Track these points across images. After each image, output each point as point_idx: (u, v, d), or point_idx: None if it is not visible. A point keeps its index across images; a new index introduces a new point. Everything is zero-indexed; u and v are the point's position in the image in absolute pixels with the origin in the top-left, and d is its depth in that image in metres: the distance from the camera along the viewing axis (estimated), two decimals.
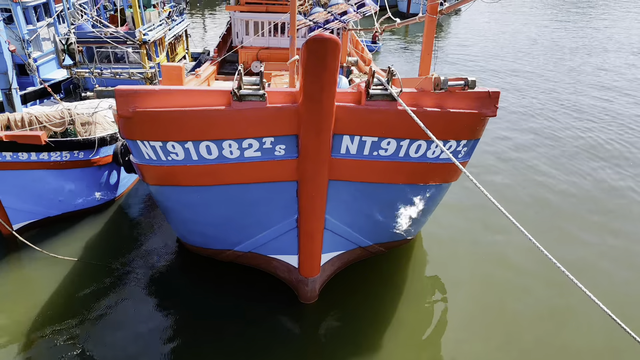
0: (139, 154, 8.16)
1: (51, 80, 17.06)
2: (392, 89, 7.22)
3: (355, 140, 7.75)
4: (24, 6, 16.64)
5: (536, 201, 14.36)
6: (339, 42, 6.40)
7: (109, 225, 12.72)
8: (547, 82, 27.17)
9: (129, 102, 7.18)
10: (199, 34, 40.55)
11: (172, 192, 8.86)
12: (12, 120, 11.12)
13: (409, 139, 7.83)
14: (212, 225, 9.59)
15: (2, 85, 11.71)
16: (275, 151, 7.77)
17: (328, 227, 8.77)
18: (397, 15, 47.22)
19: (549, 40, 40.32)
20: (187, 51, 23.94)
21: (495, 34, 42.76)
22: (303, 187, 8.08)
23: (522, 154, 17.53)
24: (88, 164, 11.94)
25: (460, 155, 8.46)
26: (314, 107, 7.02)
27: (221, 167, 7.90)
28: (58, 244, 11.67)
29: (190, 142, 7.57)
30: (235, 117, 7.27)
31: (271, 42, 20.50)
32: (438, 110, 7.56)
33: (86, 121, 11.90)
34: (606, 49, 36.77)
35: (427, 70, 9.11)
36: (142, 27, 16.91)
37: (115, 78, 16.52)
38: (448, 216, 13.13)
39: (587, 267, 11.41)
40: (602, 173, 16.19)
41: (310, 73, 6.66)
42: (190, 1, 42.97)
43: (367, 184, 8.45)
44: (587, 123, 20.77)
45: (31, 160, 10.93)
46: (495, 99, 7.77)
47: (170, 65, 12.80)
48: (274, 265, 9.97)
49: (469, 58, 33.29)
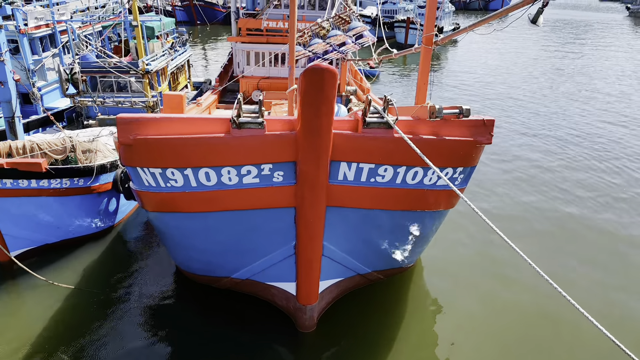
0: (138, 181, 8.23)
1: (54, 108, 17.32)
2: (388, 117, 7.36)
3: (353, 167, 7.84)
4: (31, 37, 17.07)
5: (534, 223, 14.36)
6: (335, 72, 6.57)
7: (107, 253, 12.67)
8: (541, 108, 27.53)
9: (130, 129, 7.31)
10: (201, 63, 41.34)
11: (171, 218, 8.89)
12: (14, 147, 11.25)
13: (406, 166, 7.92)
14: (210, 251, 9.57)
15: (6, 113, 11.91)
16: (273, 177, 7.85)
17: (326, 254, 8.75)
18: (395, 45, 48.39)
19: (543, 67, 41.03)
20: (189, 80, 24.37)
21: (491, 63, 43.59)
22: (301, 214, 8.12)
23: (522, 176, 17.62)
24: (88, 191, 12.00)
25: (457, 182, 8.52)
26: (312, 134, 7.14)
27: (220, 194, 7.96)
28: (56, 271, 11.61)
29: (189, 169, 7.66)
30: (234, 144, 7.38)
31: (271, 72, 20.93)
32: (434, 138, 7.68)
33: (87, 148, 12.04)
34: (599, 76, 37.42)
35: (424, 99, 9.28)
36: (145, 57, 17.29)
37: (117, 106, 16.78)
38: (447, 242, 13.10)
39: (588, 289, 11.32)
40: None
41: (308, 102, 6.81)
42: (192, 32, 43.95)
43: (365, 211, 8.49)
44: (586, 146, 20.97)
45: (31, 187, 10.99)
46: (490, 127, 7.90)
47: (171, 94, 13.06)
48: (272, 292, 9.89)
49: (465, 86, 33.82)
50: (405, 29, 49.85)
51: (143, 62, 16.62)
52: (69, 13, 20.09)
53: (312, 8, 21.20)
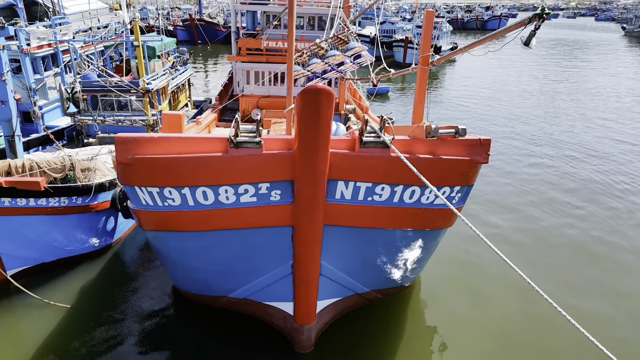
0: (136, 200, 8.24)
1: (55, 127, 17.40)
2: (384, 137, 7.40)
3: (350, 185, 7.86)
4: (33, 57, 17.25)
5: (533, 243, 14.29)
6: (332, 92, 6.64)
7: (104, 272, 12.59)
8: (539, 124, 27.69)
9: (128, 149, 7.35)
10: (202, 82, 41.74)
11: (168, 237, 8.87)
12: (13, 166, 11.28)
13: (403, 185, 7.94)
14: (207, 271, 9.52)
15: (6, 132, 11.97)
16: (270, 196, 7.86)
17: (324, 273, 8.70)
18: (393, 64, 48.95)
19: (541, 85, 41.40)
20: (190, 99, 24.57)
21: (489, 81, 44.03)
22: (298, 232, 8.10)
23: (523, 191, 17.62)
24: (86, 210, 12.00)
25: (455, 201, 8.53)
26: (309, 153, 7.18)
27: (217, 213, 7.96)
28: (52, 290, 11.52)
29: (187, 188, 7.67)
30: (231, 163, 7.41)
31: (271, 90, 21.12)
32: (430, 157, 7.72)
33: (86, 167, 12.07)
34: (597, 94, 37.73)
35: (420, 118, 9.36)
36: (146, 76, 17.46)
37: (117, 125, 16.89)
38: (447, 260, 13.03)
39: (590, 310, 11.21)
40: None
41: (305, 122, 6.87)
42: (193, 52, 44.46)
43: (363, 230, 8.47)
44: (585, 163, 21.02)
45: (29, 206, 10.99)
46: (487, 146, 7.94)
47: (170, 113, 13.15)
48: (270, 312, 9.80)
49: (464, 103, 34.09)
50: (404, 48, 50.46)
51: (144, 82, 16.78)
52: (72, 33, 20.34)
53: (311, 28, 21.51)
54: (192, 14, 76.95)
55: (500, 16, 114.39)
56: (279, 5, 20.91)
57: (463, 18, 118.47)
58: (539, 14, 5.91)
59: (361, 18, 56.91)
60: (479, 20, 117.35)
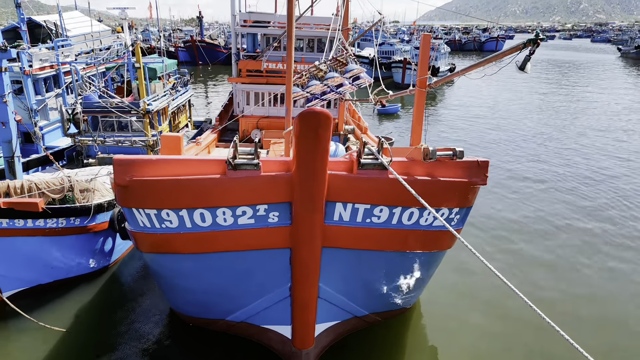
0: (133, 222, 8.21)
1: (55, 147, 17.49)
2: (382, 159, 7.42)
3: (348, 207, 7.85)
4: (35, 78, 17.43)
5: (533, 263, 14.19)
6: (329, 115, 6.69)
7: (101, 294, 12.47)
8: (537, 142, 27.81)
9: (127, 170, 7.36)
10: (202, 102, 42.09)
11: (165, 259, 8.81)
12: (12, 187, 11.28)
13: (401, 207, 7.92)
14: (205, 293, 9.42)
15: (6, 153, 12.01)
16: (268, 218, 7.83)
17: (322, 296, 8.61)
18: (392, 85, 49.39)
19: (540, 104, 41.74)
20: (190, 119, 24.71)
21: (488, 101, 44.37)
22: (296, 254, 8.05)
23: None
24: (84, 231, 11.94)
25: (454, 222, 8.50)
26: (307, 175, 7.18)
27: (214, 235, 7.92)
28: (48, 313, 11.39)
29: (184, 210, 7.66)
30: (229, 185, 7.41)
31: (271, 111, 21.28)
32: (428, 179, 7.73)
33: (85, 188, 12.06)
34: (597, 112, 38.03)
35: (419, 140, 9.40)
36: (146, 97, 17.61)
37: (117, 145, 16.96)
38: (448, 282, 12.92)
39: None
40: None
41: (303, 144, 6.90)
42: (194, 72, 44.93)
43: (361, 252, 8.42)
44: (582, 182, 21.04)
45: (27, 227, 10.94)
46: (485, 168, 7.95)
47: (169, 135, 13.22)
48: (268, 336, 9.67)
49: (463, 123, 34.28)
50: (402, 69, 51.03)
51: (144, 102, 16.91)
52: (74, 55, 20.60)
53: (310, 50, 21.78)
54: (193, 35, 78.12)
55: (497, 38, 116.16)
56: (279, 27, 21.21)
57: (461, 39, 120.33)
58: (533, 39, 6.00)
59: (360, 40, 57.75)
60: (476, 42, 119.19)
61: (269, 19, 21.78)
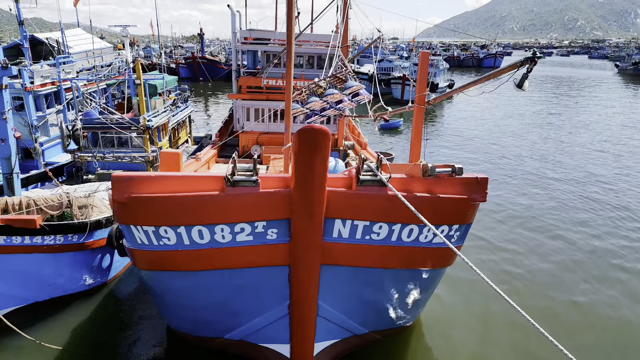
0: (131, 239, 8.16)
1: (55, 163, 17.49)
2: (381, 175, 7.41)
3: (348, 224, 7.81)
4: (36, 94, 17.52)
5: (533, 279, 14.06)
6: (328, 132, 6.69)
7: (98, 311, 12.33)
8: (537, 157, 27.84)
9: (125, 187, 7.34)
10: (203, 118, 42.28)
11: (163, 277, 8.73)
12: (10, 203, 11.24)
13: (401, 224, 7.88)
14: (203, 311, 9.31)
15: (5, 169, 12.00)
16: (267, 235, 7.79)
17: (321, 314, 8.51)
18: (392, 101, 49.68)
19: (539, 120, 41.91)
20: (190, 135, 24.78)
21: (487, 116, 44.58)
22: (295, 272, 7.98)
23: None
24: (81, 247, 11.86)
25: (454, 239, 8.45)
26: (306, 192, 7.16)
27: (212, 252, 7.87)
28: (44, 331, 11.24)
29: (182, 227, 7.61)
30: (228, 202, 7.39)
31: (271, 127, 21.36)
32: (428, 196, 7.70)
33: (83, 204, 12.01)
34: (597, 128, 38.19)
35: (418, 157, 9.40)
36: (147, 113, 17.68)
37: (117, 161, 16.96)
38: (449, 299, 12.78)
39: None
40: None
41: (302, 160, 6.89)
42: (195, 89, 45.23)
43: (361, 269, 8.35)
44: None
45: (24, 244, 10.87)
46: (484, 185, 7.93)
47: (168, 151, 13.24)
48: (266, 355, 9.52)
49: (462, 138, 34.38)
50: (402, 85, 51.38)
51: (144, 119, 16.97)
52: (75, 72, 20.75)
53: (310, 67, 21.96)
54: (194, 52, 78.86)
55: (496, 54, 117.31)
56: (279, 45, 21.42)
57: (459, 56, 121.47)
58: (530, 57, 6.05)
59: (360, 56, 58.28)
60: (474, 58, 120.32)
61: (269, 36, 22.01)
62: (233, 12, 21.81)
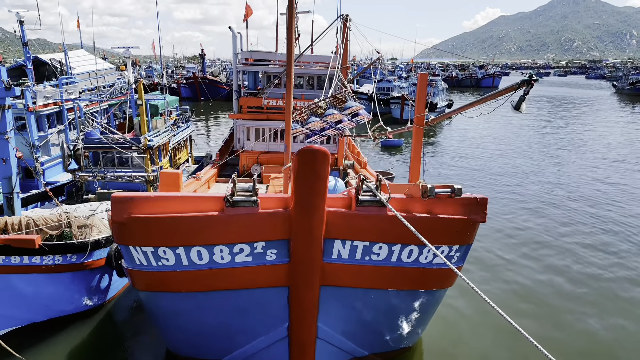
0: (130, 259, 8.12)
1: (56, 183, 17.53)
2: (381, 195, 7.42)
3: (347, 244, 7.78)
4: (38, 114, 17.66)
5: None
6: (327, 152, 6.73)
7: (96, 332, 12.19)
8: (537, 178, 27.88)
9: (124, 208, 7.34)
10: (204, 137, 42.50)
11: (161, 298, 8.66)
12: (10, 223, 11.21)
13: (401, 244, 7.86)
14: (201, 333, 9.21)
15: (5, 189, 12.02)
16: (266, 256, 7.75)
17: (321, 336, 8.42)
18: (391, 120, 50.02)
19: (539, 139, 42.12)
20: (190, 155, 24.90)
21: (486, 134, 44.79)
22: (294, 293, 7.92)
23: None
24: (80, 268, 11.79)
25: (454, 260, 8.41)
26: (305, 212, 7.16)
27: (211, 273, 7.82)
28: (40, 353, 11.09)
29: (181, 248, 7.59)
30: (227, 222, 7.38)
31: (271, 147, 21.47)
32: (427, 216, 7.69)
33: (83, 224, 11.99)
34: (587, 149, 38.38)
35: (417, 177, 9.44)
36: (148, 133, 17.80)
37: (117, 181, 17.01)
38: (449, 320, 12.65)
39: None
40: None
41: (302, 181, 6.92)
42: (196, 109, 45.60)
43: (361, 290, 8.29)
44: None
45: (23, 264, 10.82)
46: (484, 205, 7.93)
47: (168, 171, 13.30)
48: None
49: (462, 158, 34.49)
50: (401, 105, 51.81)
51: (145, 138, 17.08)
52: (78, 92, 20.96)
53: (310, 87, 22.19)
54: (195, 72, 79.68)
55: (494, 74, 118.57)
56: (279, 66, 21.69)
57: (458, 76, 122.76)
58: (527, 80, 6.14)
59: (359, 76, 58.90)
60: (473, 78, 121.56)
61: (269, 57, 22.30)
62: (234, 33, 22.14)
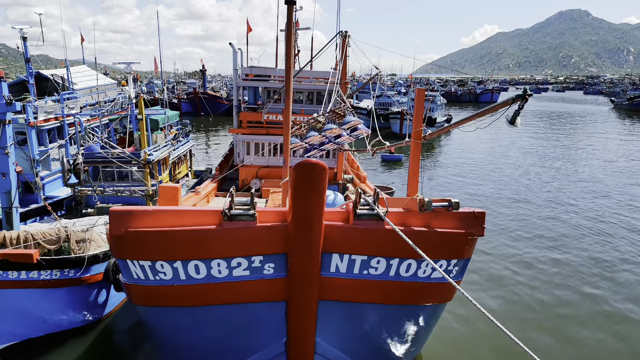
0: (127, 273, 8.09)
1: (55, 197, 17.54)
2: (379, 209, 7.43)
3: (345, 258, 7.76)
4: (39, 129, 17.76)
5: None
6: (325, 166, 6.76)
7: (93, 348, 12.09)
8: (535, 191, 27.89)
9: (122, 222, 7.34)
10: (204, 152, 42.64)
11: (158, 313, 8.60)
12: (8, 238, 11.20)
13: (399, 258, 7.83)
14: (198, 348, 9.11)
15: (4, 203, 12.04)
16: (264, 270, 7.73)
17: (318, 352, 8.33)
18: (390, 135, 50.22)
19: (536, 153, 42.25)
20: (190, 169, 24.97)
21: (483, 149, 44.94)
22: (292, 307, 7.88)
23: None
24: (78, 282, 11.75)
25: (452, 274, 8.37)
26: (303, 226, 7.16)
27: (208, 287, 7.78)
28: None
29: (179, 262, 7.56)
30: (225, 236, 7.37)
31: (270, 161, 21.57)
32: (425, 230, 7.69)
33: (81, 238, 11.98)
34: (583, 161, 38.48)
35: (415, 191, 9.46)
36: (147, 148, 17.88)
37: (117, 195, 17.03)
38: (450, 335, 12.55)
39: None
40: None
41: (299, 194, 6.93)
42: (196, 123, 45.84)
43: (359, 304, 8.23)
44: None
45: (20, 278, 10.78)
46: (482, 219, 7.93)
47: (167, 185, 13.36)
48: None
49: (459, 172, 34.56)
50: (400, 120, 52.09)
51: (145, 153, 17.16)
52: (79, 107, 21.11)
53: (310, 102, 22.38)
54: (196, 87, 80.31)
55: (493, 90, 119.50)
56: (279, 81, 21.90)
57: (456, 91, 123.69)
58: (521, 95, 6.21)
59: (359, 91, 59.34)
60: (471, 94, 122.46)
61: (269, 73, 22.55)
62: (235, 49, 22.41)
